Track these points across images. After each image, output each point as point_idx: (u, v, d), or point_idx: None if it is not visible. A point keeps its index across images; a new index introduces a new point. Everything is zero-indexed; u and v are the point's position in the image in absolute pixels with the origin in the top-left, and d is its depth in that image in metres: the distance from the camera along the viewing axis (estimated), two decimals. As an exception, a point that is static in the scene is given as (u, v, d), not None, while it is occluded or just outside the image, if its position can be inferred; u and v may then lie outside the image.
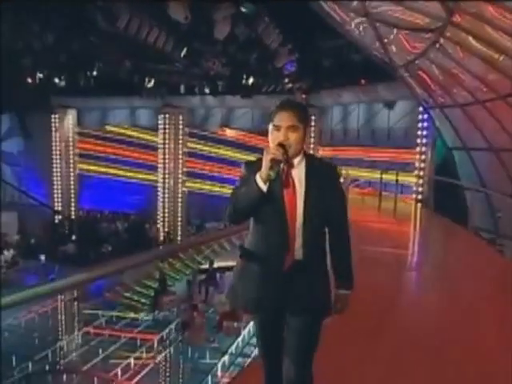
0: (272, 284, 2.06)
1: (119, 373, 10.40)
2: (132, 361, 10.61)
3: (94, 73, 15.22)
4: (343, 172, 9.46)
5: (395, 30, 7.28)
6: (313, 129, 16.66)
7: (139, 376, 10.42)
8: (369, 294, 4.61)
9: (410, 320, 4.22)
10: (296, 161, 2.08)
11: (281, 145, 1.98)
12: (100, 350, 11.00)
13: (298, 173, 2.08)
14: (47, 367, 10.67)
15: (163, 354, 11.34)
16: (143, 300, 15.25)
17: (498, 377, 3.09)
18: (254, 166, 2.04)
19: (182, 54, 10.45)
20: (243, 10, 8.61)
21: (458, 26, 5.44)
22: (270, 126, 2.06)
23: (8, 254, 17.71)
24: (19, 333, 11.80)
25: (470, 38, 5.70)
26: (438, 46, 6.51)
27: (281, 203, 2.04)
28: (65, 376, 10.21)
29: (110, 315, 13.09)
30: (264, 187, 1.98)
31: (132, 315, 13.05)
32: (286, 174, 2.07)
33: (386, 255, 6.48)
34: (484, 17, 4.97)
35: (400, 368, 3.22)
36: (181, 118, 19.66)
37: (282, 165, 2.02)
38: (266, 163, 1.95)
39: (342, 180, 7.18)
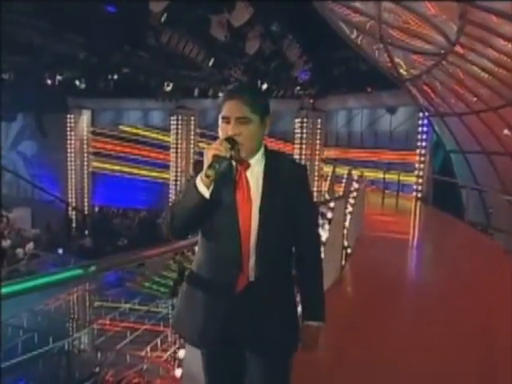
0: (220, 311, 1.66)
1: (149, 351, 11.48)
2: (159, 341, 11.68)
3: (115, 76, 16.21)
4: (354, 172, 10.54)
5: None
6: (318, 131, 17.95)
7: (167, 354, 11.49)
8: (380, 265, 5.81)
9: (415, 287, 5.24)
10: (253, 160, 1.67)
11: (229, 139, 1.59)
12: (128, 333, 12.05)
13: (256, 174, 1.67)
14: (83, 346, 11.70)
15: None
16: (162, 289, 16.31)
17: (498, 331, 3.88)
18: (202, 167, 1.59)
19: (210, 64, 11.61)
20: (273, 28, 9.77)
21: (459, 55, 6.66)
22: (220, 119, 1.65)
23: (29, 246, 18.58)
24: (51, 317, 12.79)
25: (469, 64, 6.94)
26: (441, 66, 7.75)
27: (233, 212, 1.64)
28: (99, 353, 11.23)
29: (131, 305, 14.09)
30: (206, 192, 1.57)
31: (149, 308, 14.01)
32: (240, 175, 1.66)
33: (392, 239, 7.67)
34: (481, 52, 6.20)
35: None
36: (193, 119, 20.70)
37: (234, 163, 1.66)
38: (206, 161, 1.56)
39: (355, 182, 8.23)
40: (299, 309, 1.82)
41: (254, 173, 1.67)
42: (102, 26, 9.49)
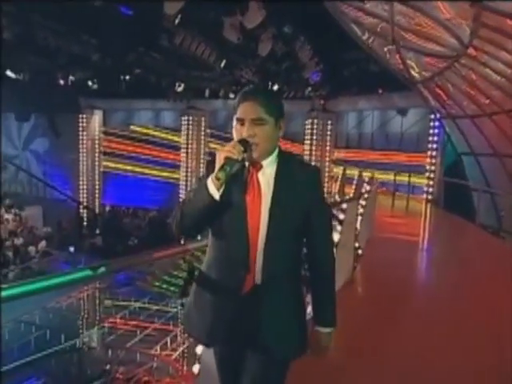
0: (227, 312, 1.66)
1: (158, 349, 11.60)
2: (169, 340, 11.77)
3: (127, 77, 16.37)
4: (365, 174, 10.54)
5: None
6: (329, 132, 17.93)
7: (177, 353, 11.60)
8: (391, 267, 5.83)
9: (426, 289, 5.28)
10: (266, 162, 1.67)
11: (243, 141, 1.59)
12: (138, 332, 12.18)
13: (268, 176, 1.66)
14: (94, 344, 11.83)
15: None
16: (172, 288, 16.43)
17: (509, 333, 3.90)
18: (215, 167, 1.59)
19: (222, 65, 11.72)
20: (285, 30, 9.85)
21: (472, 57, 6.65)
22: (234, 121, 1.66)
23: (42, 244, 18.78)
24: (62, 314, 12.95)
25: (482, 67, 6.92)
26: (453, 68, 7.74)
27: (242, 213, 1.63)
28: (110, 351, 11.36)
29: (141, 303, 14.20)
30: (216, 193, 1.57)
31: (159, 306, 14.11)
32: (251, 177, 1.66)
33: (402, 241, 7.69)
34: (494, 54, 6.19)
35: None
36: (203, 119, 20.77)
37: (247, 165, 1.66)
38: (218, 163, 1.56)
39: (366, 183, 8.23)
40: (309, 310, 1.81)
41: (266, 174, 1.66)
42: (117, 28, 9.62)
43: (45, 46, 12.02)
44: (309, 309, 1.86)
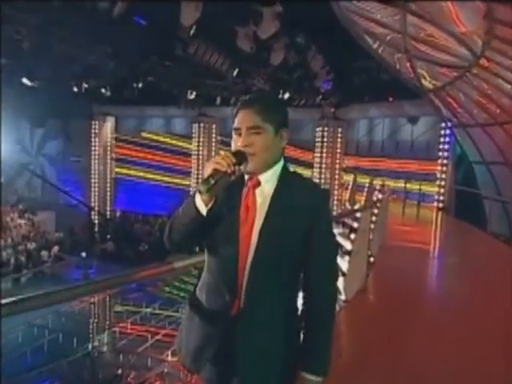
0: (214, 335, 1.52)
1: (169, 354, 11.66)
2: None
3: (140, 85, 16.59)
4: (375, 181, 10.58)
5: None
6: (339, 140, 18.01)
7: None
8: (403, 275, 5.86)
9: (438, 298, 5.27)
10: (265, 177, 1.52)
11: (239, 153, 1.47)
12: (149, 337, 12.28)
13: (266, 193, 1.51)
14: (105, 348, 11.94)
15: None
16: (182, 294, 16.52)
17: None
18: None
19: (235, 74, 11.94)
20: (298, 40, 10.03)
21: (484, 67, 6.72)
22: (233, 132, 1.53)
23: (54, 249, 19.03)
24: (75, 318, 13.09)
25: (493, 77, 6.98)
26: (464, 78, 7.81)
27: (233, 232, 1.50)
28: (121, 356, 11.44)
29: (152, 309, 14.34)
30: (203, 208, 1.46)
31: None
32: (248, 193, 1.52)
33: (414, 249, 7.71)
34: (505, 64, 6.26)
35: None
36: (214, 127, 21.04)
37: (246, 179, 1.54)
38: (206, 175, 1.44)
39: (378, 191, 8.25)
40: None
41: (264, 192, 1.52)
42: (131, 37, 9.83)
43: (60, 55, 12.27)
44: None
